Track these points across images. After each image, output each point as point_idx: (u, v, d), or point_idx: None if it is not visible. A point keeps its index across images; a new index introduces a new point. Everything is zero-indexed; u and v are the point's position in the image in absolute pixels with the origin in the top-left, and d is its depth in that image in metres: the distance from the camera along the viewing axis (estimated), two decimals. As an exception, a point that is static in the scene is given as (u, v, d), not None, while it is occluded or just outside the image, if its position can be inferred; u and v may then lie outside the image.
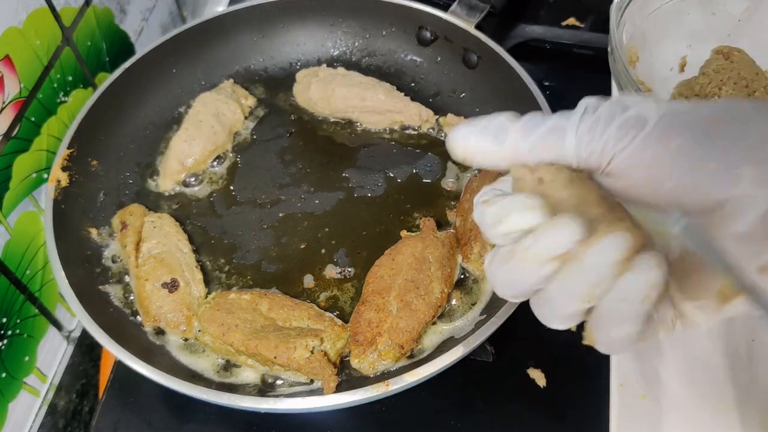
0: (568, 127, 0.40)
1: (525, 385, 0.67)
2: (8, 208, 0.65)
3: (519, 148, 0.42)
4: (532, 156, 0.41)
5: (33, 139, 0.68)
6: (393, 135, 0.83)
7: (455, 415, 0.66)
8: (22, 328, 0.67)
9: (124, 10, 0.84)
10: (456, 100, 0.86)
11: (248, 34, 0.89)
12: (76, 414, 0.76)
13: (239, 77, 0.89)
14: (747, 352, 0.65)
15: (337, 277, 0.70)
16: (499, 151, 0.42)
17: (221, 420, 0.65)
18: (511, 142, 0.42)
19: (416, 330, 0.61)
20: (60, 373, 0.74)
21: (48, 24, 0.69)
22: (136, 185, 0.78)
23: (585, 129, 0.40)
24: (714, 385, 0.64)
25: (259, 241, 0.73)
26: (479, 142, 0.43)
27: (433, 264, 0.64)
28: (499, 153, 0.42)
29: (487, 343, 0.62)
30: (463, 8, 0.84)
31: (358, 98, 0.82)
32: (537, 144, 0.41)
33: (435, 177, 0.79)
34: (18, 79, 0.64)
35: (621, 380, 0.64)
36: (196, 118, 0.80)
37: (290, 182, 0.79)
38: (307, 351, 0.58)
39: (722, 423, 0.62)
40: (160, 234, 0.70)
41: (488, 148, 0.43)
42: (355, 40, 0.91)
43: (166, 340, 0.65)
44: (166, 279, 0.66)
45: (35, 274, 0.69)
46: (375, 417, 0.65)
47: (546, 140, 0.41)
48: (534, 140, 0.41)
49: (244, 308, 0.64)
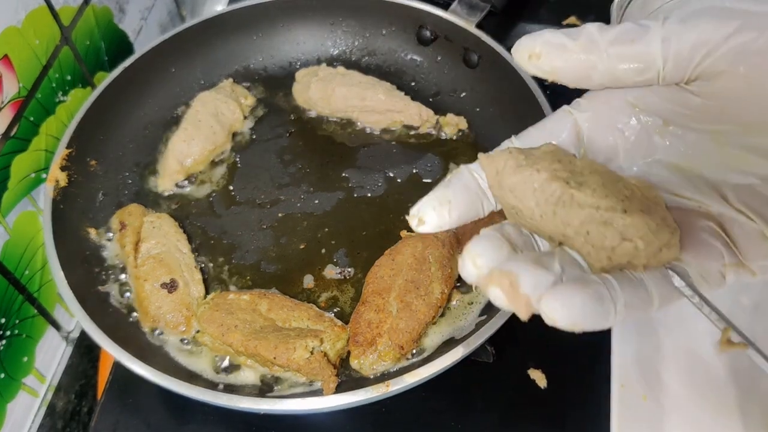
0: (651, 23, 0.37)
1: (525, 386, 0.67)
2: (7, 208, 0.65)
3: (597, 43, 0.38)
4: (610, 52, 0.38)
5: (32, 139, 0.68)
6: (393, 135, 0.83)
7: (455, 415, 0.65)
8: (20, 328, 0.67)
9: (123, 10, 0.84)
10: (456, 100, 0.86)
11: (247, 34, 0.89)
12: (74, 415, 0.76)
13: (239, 77, 0.88)
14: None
15: (336, 277, 0.70)
16: (572, 45, 0.39)
17: (220, 421, 0.65)
18: (587, 36, 0.38)
19: (416, 331, 0.60)
20: (59, 373, 0.74)
21: (47, 23, 0.69)
22: (135, 185, 0.78)
23: (675, 20, 0.36)
24: (715, 386, 0.64)
25: (259, 241, 0.73)
26: (551, 37, 0.39)
27: (433, 264, 0.64)
28: (574, 49, 0.39)
29: (488, 343, 0.62)
30: (463, 7, 0.83)
31: (358, 98, 0.82)
32: (617, 38, 0.38)
33: (435, 177, 0.78)
34: (17, 78, 0.64)
35: (622, 381, 0.63)
36: (195, 118, 0.79)
37: (290, 182, 0.78)
38: (307, 352, 0.58)
39: (723, 423, 0.61)
40: (159, 234, 0.69)
41: (560, 42, 0.39)
42: (355, 39, 0.91)
43: (165, 340, 0.65)
44: (165, 279, 0.66)
45: (34, 275, 0.69)
46: (375, 418, 0.65)
47: (628, 34, 0.37)
48: (614, 35, 0.38)
49: (243, 309, 0.63)
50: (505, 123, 0.80)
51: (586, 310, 0.34)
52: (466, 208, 0.42)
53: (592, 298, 0.35)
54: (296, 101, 0.86)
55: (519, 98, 0.75)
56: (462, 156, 0.80)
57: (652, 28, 0.37)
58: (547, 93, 0.74)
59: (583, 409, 0.65)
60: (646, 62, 0.38)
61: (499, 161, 0.42)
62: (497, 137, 0.79)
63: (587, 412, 0.65)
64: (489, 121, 0.82)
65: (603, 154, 0.45)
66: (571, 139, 0.45)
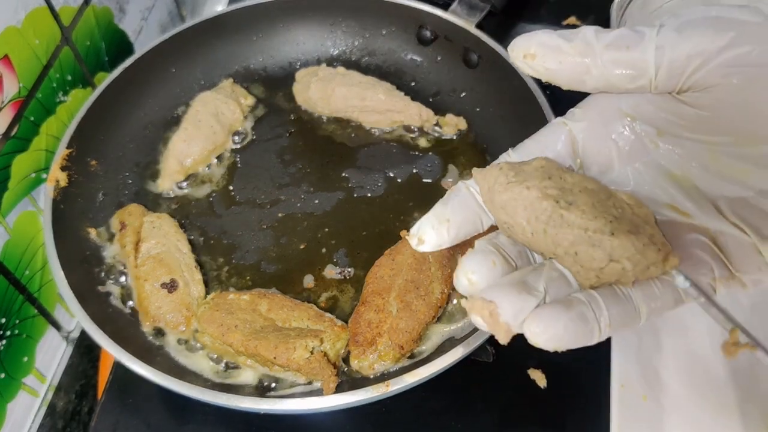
0: (646, 30, 0.37)
1: (525, 386, 0.67)
2: (7, 208, 0.65)
3: (592, 46, 0.38)
4: (604, 57, 0.38)
5: (32, 139, 0.68)
6: (393, 135, 0.83)
7: (455, 415, 0.65)
8: (21, 328, 0.67)
9: (123, 10, 0.84)
10: (456, 100, 0.86)
11: (248, 34, 0.89)
12: (75, 415, 0.76)
13: (239, 77, 0.88)
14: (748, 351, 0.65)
15: (336, 277, 0.70)
16: (566, 48, 0.39)
17: (220, 421, 0.65)
18: (582, 39, 0.38)
19: (416, 330, 0.60)
20: (59, 373, 0.74)
21: (47, 23, 0.69)
22: (136, 185, 0.78)
23: (670, 28, 0.36)
24: (715, 385, 0.64)
25: (259, 241, 0.73)
26: (547, 39, 0.39)
27: (433, 264, 0.64)
28: (568, 51, 0.39)
29: (488, 343, 0.62)
30: (463, 7, 0.83)
31: (358, 98, 0.82)
32: (612, 43, 0.37)
33: (435, 177, 0.78)
34: (17, 78, 0.64)
35: (622, 381, 0.64)
36: (196, 118, 0.79)
37: (290, 182, 0.78)
38: (307, 351, 0.58)
39: (723, 423, 0.61)
40: (159, 234, 0.69)
41: (556, 44, 0.39)
42: (355, 39, 0.91)
43: (165, 340, 0.65)
44: (165, 279, 0.66)
45: (34, 275, 0.69)
46: (375, 418, 0.65)
47: (623, 40, 0.37)
48: (609, 39, 0.38)
49: (243, 309, 0.63)
50: (504, 123, 0.80)
51: (568, 333, 0.36)
52: (464, 225, 0.43)
53: (575, 320, 0.36)
54: (296, 101, 0.86)
55: (519, 98, 0.75)
56: (462, 156, 0.80)
57: (647, 36, 0.37)
58: (547, 93, 0.74)
59: (583, 409, 0.65)
60: (640, 69, 0.38)
61: (491, 177, 0.42)
62: (497, 137, 0.81)
63: (587, 412, 0.65)
64: (489, 121, 0.82)
65: (598, 164, 0.45)
66: (566, 150, 0.45)
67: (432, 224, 0.42)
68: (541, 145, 0.45)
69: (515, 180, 0.41)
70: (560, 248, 0.39)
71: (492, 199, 0.42)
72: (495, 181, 0.41)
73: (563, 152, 0.45)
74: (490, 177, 0.42)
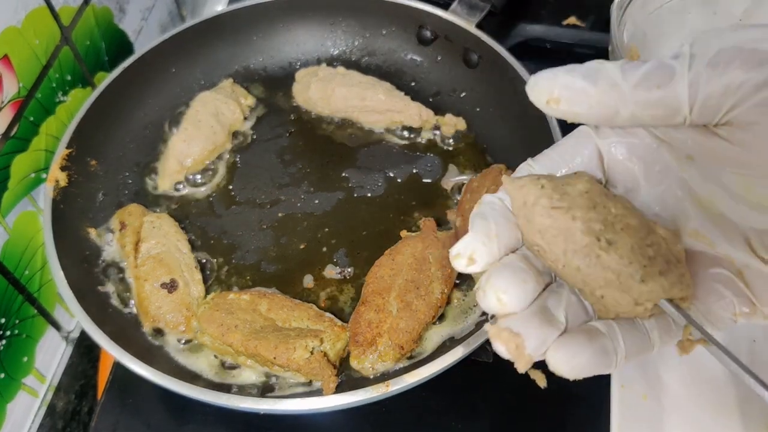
0: (677, 65, 0.35)
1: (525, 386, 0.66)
2: (7, 208, 0.65)
3: (619, 87, 0.36)
4: (634, 98, 0.36)
5: (32, 139, 0.68)
6: (393, 135, 0.83)
7: (455, 416, 0.65)
8: (20, 328, 0.67)
9: (123, 10, 0.84)
10: (456, 100, 0.86)
11: (247, 34, 0.89)
12: (75, 415, 0.76)
13: (238, 77, 0.88)
14: (748, 352, 0.65)
15: (336, 277, 0.70)
16: (592, 92, 0.36)
17: (220, 421, 0.65)
18: (607, 81, 0.36)
19: (416, 330, 0.60)
20: (59, 373, 0.74)
21: (47, 23, 0.68)
22: (135, 185, 0.78)
23: (702, 63, 0.34)
24: (715, 385, 0.64)
25: (259, 241, 0.73)
26: (571, 81, 0.37)
27: (433, 264, 0.64)
28: (593, 94, 0.37)
29: (488, 343, 0.62)
30: (463, 7, 0.83)
31: (358, 98, 0.82)
32: (641, 83, 0.35)
33: (435, 177, 0.78)
34: (16, 78, 0.64)
35: (622, 381, 0.63)
36: (196, 118, 0.79)
37: (290, 182, 0.78)
38: (307, 351, 0.58)
39: (723, 423, 0.61)
40: (159, 234, 0.69)
41: (580, 87, 0.37)
42: (355, 39, 0.91)
43: (165, 340, 0.65)
44: (165, 279, 0.66)
45: (34, 275, 0.69)
46: (375, 418, 0.65)
47: (652, 79, 0.35)
48: (638, 78, 0.36)
49: (243, 309, 0.63)
50: (504, 123, 0.80)
51: (590, 364, 0.36)
52: (509, 238, 0.40)
53: (597, 353, 0.36)
54: (296, 101, 0.86)
55: (519, 99, 0.75)
56: (462, 156, 0.80)
57: (677, 72, 0.35)
58: (547, 93, 0.74)
59: (583, 409, 0.65)
60: (672, 109, 0.36)
61: (530, 194, 0.39)
62: (497, 137, 0.81)
63: (587, 412, 0.65)
64: (489, 121, 0.82)
65: (623, 183, 0.43)
66: (593, 165, 0.43)
67: (483, 241, 0.39)
68: (566, 158, 0.43)
69: (560, 206, 0.38)
70: (588, 287, 0.38)
71: (528, 218, 0.39)
72: (536, 200, 0.39)
73: (590, 167, 0.43)
74: (529, 194, 0.39)
